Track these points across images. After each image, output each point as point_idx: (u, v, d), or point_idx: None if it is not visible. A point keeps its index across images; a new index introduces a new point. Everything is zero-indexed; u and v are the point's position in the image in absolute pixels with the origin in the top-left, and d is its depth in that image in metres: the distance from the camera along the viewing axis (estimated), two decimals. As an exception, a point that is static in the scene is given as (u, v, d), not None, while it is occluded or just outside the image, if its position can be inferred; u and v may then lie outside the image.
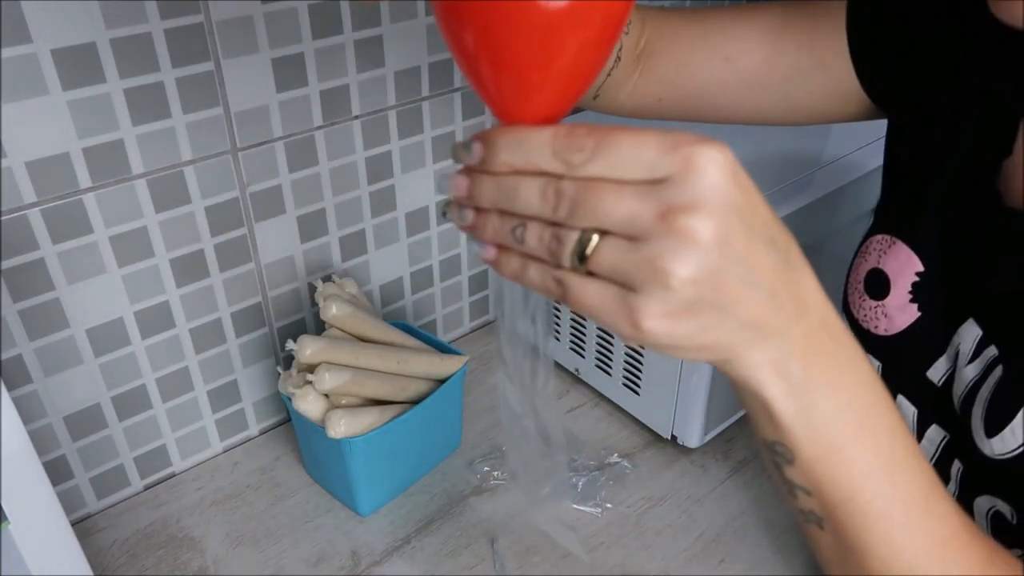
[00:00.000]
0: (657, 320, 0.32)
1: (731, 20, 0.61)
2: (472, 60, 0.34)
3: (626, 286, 0.32)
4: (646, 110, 0.66)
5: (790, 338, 0.35)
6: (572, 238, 0.33)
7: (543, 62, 0.33)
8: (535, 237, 0.34)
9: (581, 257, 0.33)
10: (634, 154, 0.32)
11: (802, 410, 0.37)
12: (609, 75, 0.62)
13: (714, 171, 0.31)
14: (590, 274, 0.33)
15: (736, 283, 0.32)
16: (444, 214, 0.37)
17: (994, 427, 0.48)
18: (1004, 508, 0.50)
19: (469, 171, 0.35)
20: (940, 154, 0.55)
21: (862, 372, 0.38)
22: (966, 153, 0.53)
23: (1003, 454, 0.48)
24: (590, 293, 0.33)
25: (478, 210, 0.36)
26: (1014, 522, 0.49)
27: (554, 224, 0.33)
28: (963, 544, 0.41)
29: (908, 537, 0.40)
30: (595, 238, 0.32)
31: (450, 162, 0.92)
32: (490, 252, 0.36)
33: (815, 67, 0.60)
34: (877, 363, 0.58)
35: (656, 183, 0.31)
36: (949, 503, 0.41)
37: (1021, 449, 0.47)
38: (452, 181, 0.36)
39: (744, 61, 0.61)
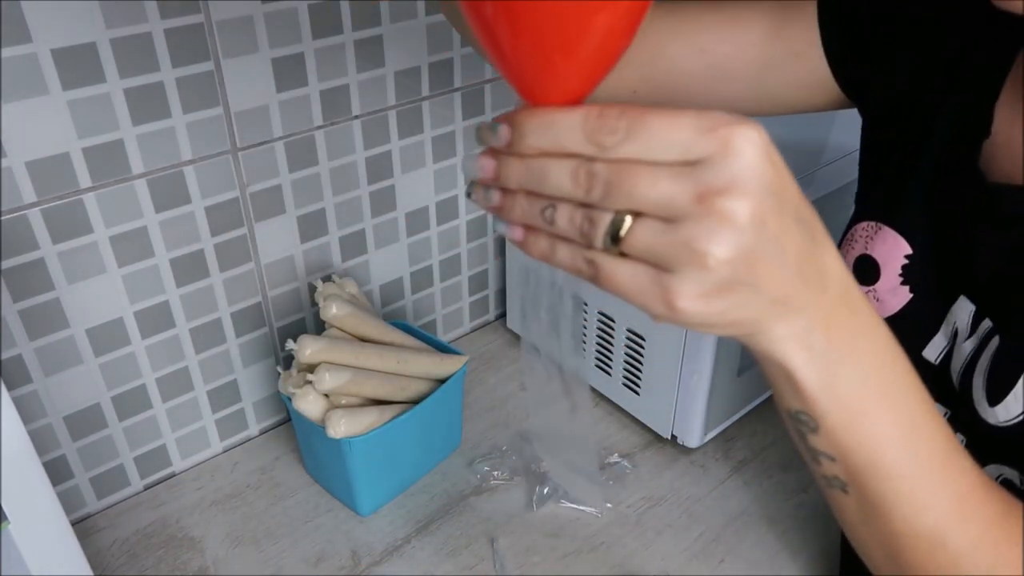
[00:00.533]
0: (691, 300, 0.32)
1: (705, 12, 0.62)
2: (497, 41, 0.34)
3: (660, 267, 0.32)
4: (621, 101, 0.67)
5: (813, 311, 0.36)
6: (605, 220, 0.33)
7: (570, 43, 0.32)
8: (566, 219, 0.34)
9: (614, 238, 0.33)
10: (669, 136, 0.32)
11: (825, 379, 0.37)
12: None
13: (751, 152, 0.31)
14: (622, 255, 0.33)
15: (768, 262, 0.33)
16: (469, 194, 0.37)
17: (996, 395, 0.49)
18: (1012, 475, 0.50)
19: (495, 152, 0.35)
20: (919, 138, 0.56)
21: (882, 340, 0.39)
22: (946, 136, 0.54)
23: (1007, 421, 0.49)
24: (622, 274, 0.33)
25: (505, 191, 0.36)
26: (1023, 488, 0.50)
27: (585, 205, 0.33)
28: (981, 498, 0.42)
29: (930, 495, 0.40)
30: (628, 219, 0.32)
31: (451, 161, 0.92)
32: (517, 232, 0.36)
33: (787, 57, 0.60)
34: None
35: (691, 164, 0.31)
36: (967, 459, 0.42)
37: None
38: (478, 163, 0.36)
39: (718, 52, 0.61)
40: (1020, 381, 0.47)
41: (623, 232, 0.32)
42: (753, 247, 0.32)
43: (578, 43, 0.32)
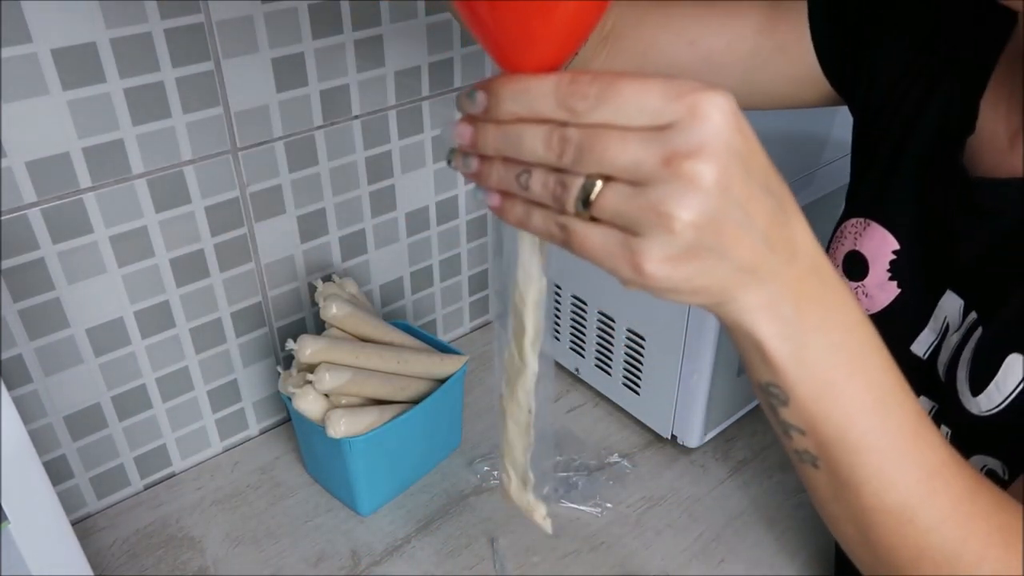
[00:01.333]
0: (658, 264, 0.33)
1: (697, 6, 0.63)
2: (475, 8, 0.34)
3: (628, 231, 0.33)
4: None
5: (783, 281, 0.36)
6: (576, 184, 0.33)
7: (546, 8, 0.33)
8: (539, 183, 0.34)
9: (585, 202, 0.33)
10: (638, 101, 0.32)
11: (795, 350, 0.38)
12: (576, 56, 0.63)
13: (718, 118, 0.32)
14: (593, 219, 0.34)
15: (734, 228, 0.33)
16: (449, 162, 0.38)
17: (979, 385, 0.50)
18: (995, 465, 0.51)
19: (473, 119, 0.36)
20: (905, 135, 0.57)
21: (852, 313, 0.39)
22: (932, 133, 0.55)
23: (989, 410, 0.49)
24: (593, 237, 0.34)
25: (482, 158, 0.36)
26: (1006, 477, 0.50)
27: (558, 170, 0.34)
28: (952, 473, 0.42)
29: (899, 469, 0.41)
30: (599, 184, 0.33)
31: (450, 162, 0.92)
32: (494, 199, 0.37)
33: (776, 51, 0.61)
34: None
35: (660, 129, 0.32)
36: (936, 435, 0.42)
37: (1006, 402, 0.48)
38: (456, 130, 0.36)
39: (708, 44, 0.62)
40: (1001, 369, 0.48)
41: (593, 196, 0.33)
42: (718, 211, 0.32)
43: (554, 8, 0.33)
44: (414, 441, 0.80)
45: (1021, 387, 0.48)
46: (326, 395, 0.75)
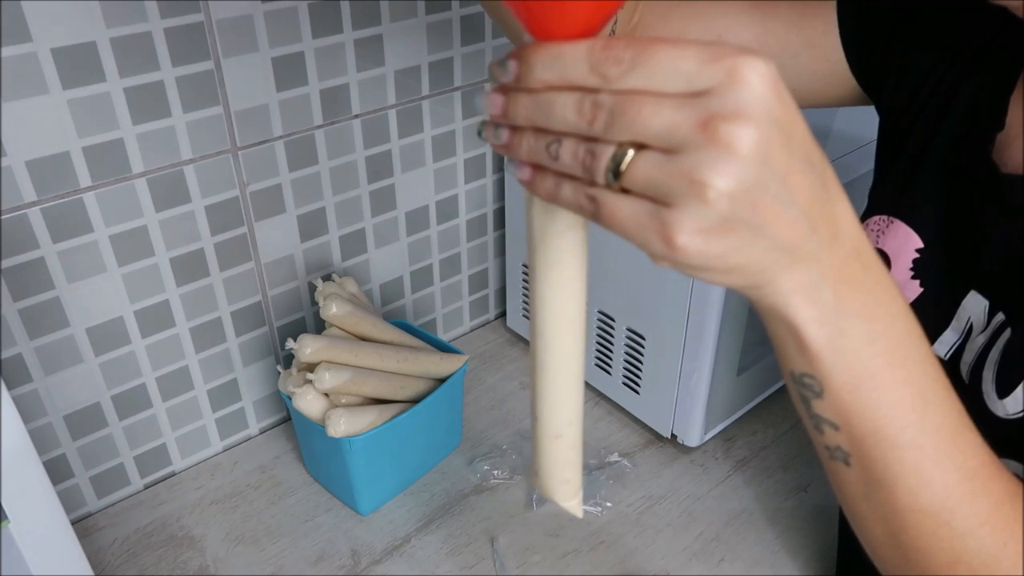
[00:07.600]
0: (690, 236, 0.31)
1: None
2: None
3: (661, 202, 0.32)
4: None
5: (823, 264, 0.35)
6: (607, 153, 0.32)
7: None
8: (570, 153, 0.33)
9: (616, 173, 0.32)
10: (674, 65, 0.31)
11: (833, 338, 0.36)
12: None
13: (758, 82, 0.30)
14: (624, 191, 0.33)
15: (773, 202, 0.31)
16: (479, 133, 0.37)
17: (1006, 387, 0.48)
18: (1019, 469, 0.49)
19: (505, 89, 0.35)
20: (932, 133, 0.56)
21: (894, 302, 0.38)
22: (959, 129, 0.54)
23: (1016, 413, 0.48)
24: (623, 209, 0.32)
25: (514, 129, 0.35)
26: None
27: (590, 139, 0.33)
28: (990, 475, 0.40)
29: (937, 468, 0.39)
30: (630, 152, 0.32)
31: (451, 160, 0.92)
32: (525, 172, 0.36)
33: (804, 47, 0.60)
34: None
35: (697, 95, 0.31)
36: (976, 435, 0.40)
37: None
38: (488, 99, 0.35)
39: (735, 39, 0.61)
40: None
41: (624, 165, 0.32)
42: (756, 182, 0.31)
43: None
44: (414, 440, 0.80)
45: None
46: (326, 394, 0.75)
